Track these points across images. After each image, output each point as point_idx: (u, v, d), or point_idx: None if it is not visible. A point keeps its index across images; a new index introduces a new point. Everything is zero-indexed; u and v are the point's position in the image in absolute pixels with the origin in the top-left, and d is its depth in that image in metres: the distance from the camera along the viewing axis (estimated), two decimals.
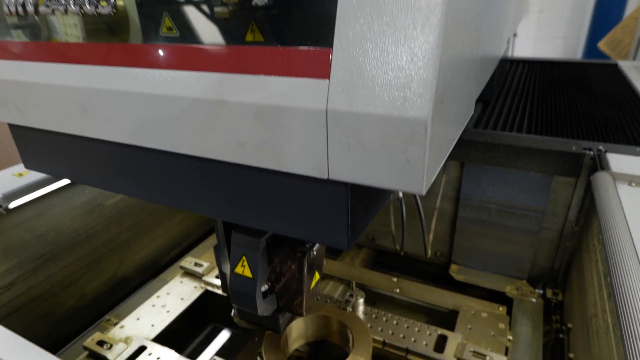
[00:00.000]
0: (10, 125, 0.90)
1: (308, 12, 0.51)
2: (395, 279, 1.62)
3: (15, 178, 1.34)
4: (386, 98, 0.46)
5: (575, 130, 1.51)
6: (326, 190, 0.57)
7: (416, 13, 0.45)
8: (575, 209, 1.42)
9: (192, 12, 0.59)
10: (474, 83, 0.83)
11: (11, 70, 0.78)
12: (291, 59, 0.52)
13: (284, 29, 0.53)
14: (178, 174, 0.71)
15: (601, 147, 1.30)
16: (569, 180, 1.39)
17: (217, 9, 0.56)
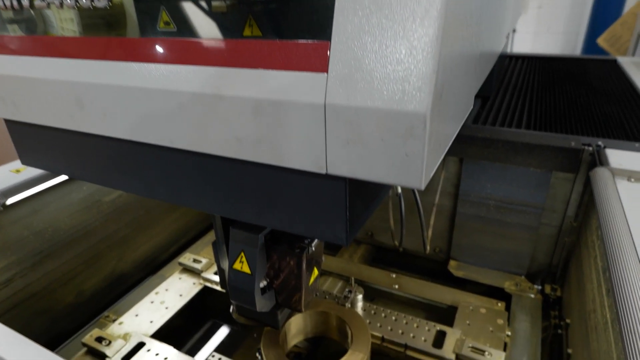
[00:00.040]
0: (7, 121, 0.89)
1: (306, 5, 0.50)
2: (394, 275, 1.62)
3: (12, 174, 1.33)
4: (385, 92, 0.46)
5: (575, 126, 1.51)
6: (324, 186, 0.56)
7: (415, 6, 0.44)
8: (574, 204, 1.42)
9: (189, 7, 0.59)
10: (473, 78, 0.83)
11: (6, 64, 0.78)
12: (289, 53, 0.51)
13: (281, 22, 0.53)
14: (176, 169, 0.71)
15: (600, 143, 1.30)
16: (568, 176, 1.39)
17: (215, 3, 0.56)
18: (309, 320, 1.23)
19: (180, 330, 1.50)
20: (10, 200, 1.27)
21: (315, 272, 0.96)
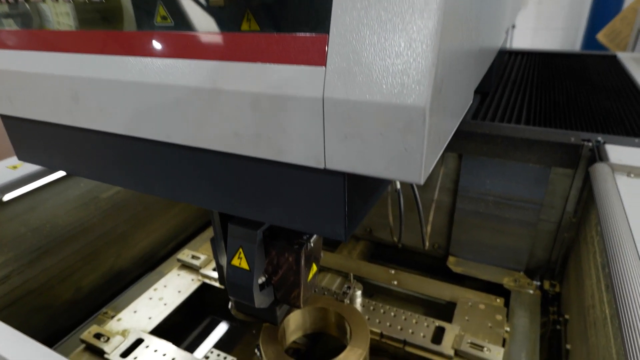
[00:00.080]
0: (2, 116, 0.89)
1: None
2: (393, 271, 1.61)
3: (9, 170, 1.33)
4: (384, 85, 0.45)
5: (574, 121, 1.50)
6: (323, 180, 0.56)
7: None
8: (573, 200, 1.41)
9: (186, 1, 0.58)
10: (473, 73, 0.82)
11: (1, 59, 0.77)
12: (287, 46, 0.51)
13: (279, 16, 0.52)
14: (174, 165, 0.70)
15: (600, 138, 1.30)
16: (567, 171, 1.38)
17: None
18: (307, 317, 1.23)
19: (179, 326, 1.50)
20: (7, 197, 1.27)
21: (314, 268, 0.96)
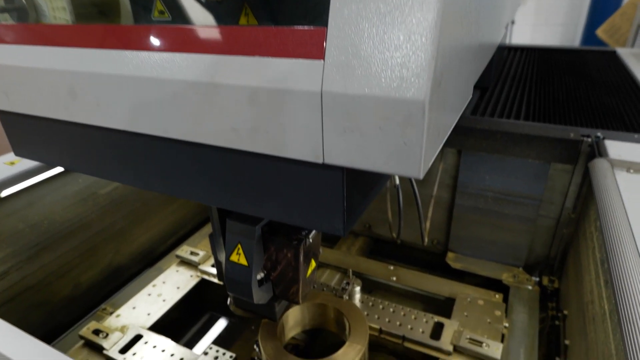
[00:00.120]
0: None
1: None
2: (392, 267, 1.61)
3: (6, 166, 1.32)
4: (383, 79, 0.45)
5: (574, 117, 1.50)
6: (321, 175, 0.55)
7: None
8: (573, 196, 1.41)
9: None
10: (472, 67, 0.82)
11: None
12: (285, 39, 0.50)
13: (278, 10, 0.51)
14: (171, 160, 0.70)
15: (599, 134, 1.29)
16: (566, 167, 1.38)
17: None
18: (306, 313, 1.23)
19: (177, 322, 1.50)
20: (4, 193, 1.26)
21: (313, 264, 0.95)
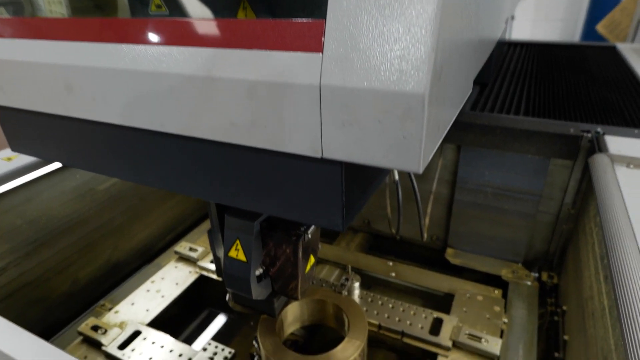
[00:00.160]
0: None
1: None
2: (391, 263, 1.61)
3: (3, 162, 1.31)
4: (382, 72, 0.44)
5: (573, 112, 1.50)
6: (320, 170, 0.55)
7: None
8: (572, 191, 1.41)
9: None
10: (472, 62, 0.81)
11: None
12: (283, 32, 0.49)
13: (276, 3, 0.51)
14: (169, 155, 0.69)
15: (599, 129, 1.29)
16: (566, 163, 1.38)
17: None
18: (305, 308, 1.23)
19: (176, 318, 1.50)
20: (2, 189, 1.25)
21: (312, 259, 0.95)
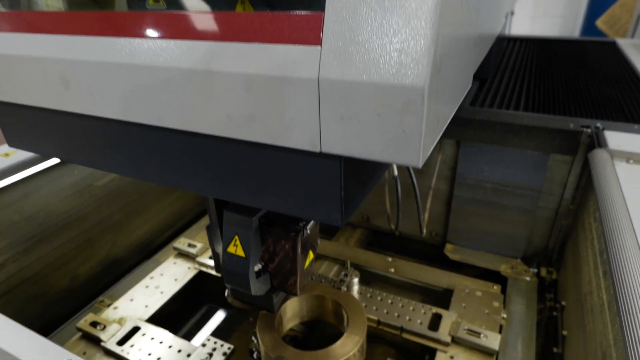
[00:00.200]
0: None
1: None
2: (390, 259, 1.61)
3: (1, 158, 1.31)
4: (381, 65, 0.44)
5: (573, 108, 1.49)
6: (319, 164, 0.54)
7: None
8: (572, 187, 1.41)
9: None
10: (472, 56, 0.81)
11: None
12: (281, 25, 0.49)
13: None
14: (167, 150, 0.69)
15: (599, 125, 1.29)
16: (565, 158, 1.37)
17: None
18: (304, 304, 1.23)
19: (175, 314, 1.50)
20: (0, 184, 1.25)
21: (311, 255, 0.95)
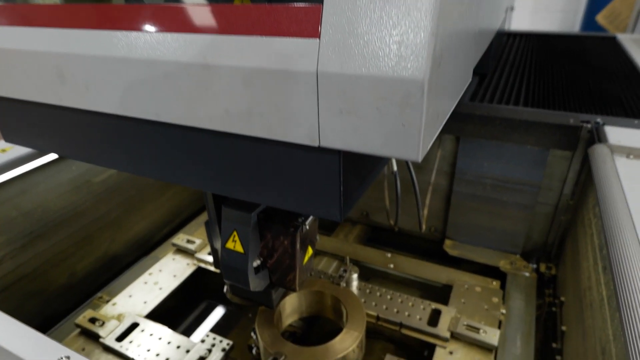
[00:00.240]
0: None
1: None
2: (390, 255, 1.61)
3: None
4: (380, 58, 0.43)
5: (573, 103, 1.49)
6: (317, 159, 0.54)
7: None
8: (571, 182, 1.40)
9: None
10: (472, 50, 0.80)
11: None
12: (278, 18, 0.48)
13: None
14: (164, 145, 0.68)
15: (599, 120, 1.28)
16: (565, 154, 1.37)
17: None
18: (303, 300, 1.23)
19: (174, 311, 1.49)
20: None
21: (310, 251, 0.95)
